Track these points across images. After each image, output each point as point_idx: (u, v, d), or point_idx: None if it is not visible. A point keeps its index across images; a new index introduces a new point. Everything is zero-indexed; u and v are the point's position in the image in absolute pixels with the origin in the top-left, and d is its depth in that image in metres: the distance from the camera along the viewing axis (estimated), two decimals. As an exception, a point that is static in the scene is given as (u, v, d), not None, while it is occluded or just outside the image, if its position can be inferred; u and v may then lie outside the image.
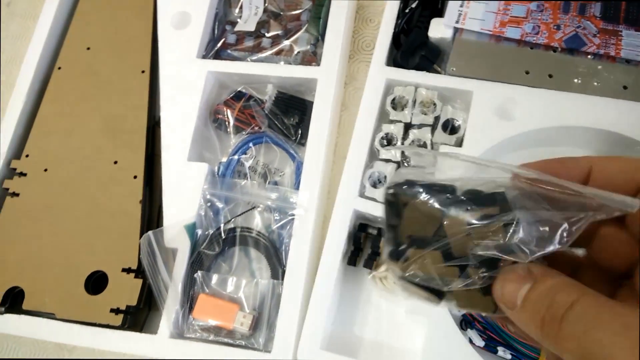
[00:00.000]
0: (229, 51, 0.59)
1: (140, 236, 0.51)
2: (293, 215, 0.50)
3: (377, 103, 0.53)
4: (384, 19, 0.56)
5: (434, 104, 0.52)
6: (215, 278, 0.50)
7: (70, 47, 0.62)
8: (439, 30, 0.54)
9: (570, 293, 0.20)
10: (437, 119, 0.52)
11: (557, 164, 0.25)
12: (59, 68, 0.61)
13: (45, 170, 0.55)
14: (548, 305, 0.21)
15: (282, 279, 0.48)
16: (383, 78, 0.53)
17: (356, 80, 0.60)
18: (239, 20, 0.61)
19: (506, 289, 0.22)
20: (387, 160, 0.51)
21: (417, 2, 0.56)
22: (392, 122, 0.53)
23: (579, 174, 0.24)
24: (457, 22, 0.54)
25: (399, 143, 0.51)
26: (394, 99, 0.53)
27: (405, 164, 0.51)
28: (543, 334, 0.21)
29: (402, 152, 0.51)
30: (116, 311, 0.48)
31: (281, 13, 0.60)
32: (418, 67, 0.53)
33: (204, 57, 0.59)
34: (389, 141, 0.52)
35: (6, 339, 0.56)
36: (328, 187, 0.55)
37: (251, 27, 0.59)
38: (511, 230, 0.23)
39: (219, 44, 0.59)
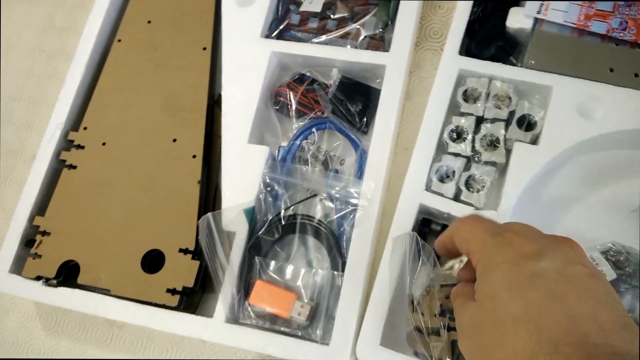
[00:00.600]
0: (292, 32, 0.57)
1: (198, 217, 0.50)
2: (356, 206, 0.48)
3: (448, 94, 0.50)
4: (459, 5, 0.53)
5: (509, 98, 0.49)
6: (273, 265, 0.48)
7: (131, 19, 0.61)
8: (517, 20, 0.52)
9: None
10: (512, 113, 0.49)
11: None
12: (119, 40, 0.60)
13: (104, 144, 0.55)
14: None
15: (343, 271, 0.47)
16: (456, 68, 0.51)
17: (421, 69, 0.58)
18: (303, 0, 0.59)
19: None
20: (456, 155, 0.49)
21: (495, -11, 0.53)
22: (462, 114, 0.50)
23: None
24: (538, 12, 0.51)
25: (469, 137, 0.49)
26: (465, 91, 0.51)
27: (476, 159, 0.48)
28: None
29: (473, 147, 0.49)
30: (172, 292, 0.48)
31: (348, -6, 0.58)
32: (493, 58, 0.51)
33: (267, 36, 0.57)
34: (458, 134, 0.50)
35: (55, 311, 0.56)
36: (389, 179, 0.53)
37: (317, 8, 0.57)
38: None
39: (283, 24, 0.58)
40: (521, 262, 0.29)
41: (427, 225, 0.49)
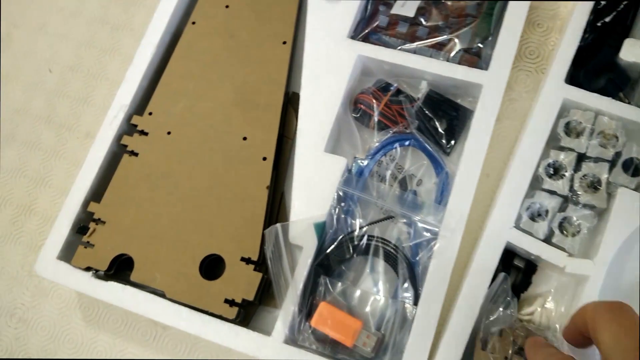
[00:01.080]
0: (379, 35, 0.53)
1: (264, 225, 0.47)
2: (435, 235, 0.45)
3: (549, 124, 0.46)
4: (570, 29, 0.49)
5: (616, 137, 0.45)
6: (339, 286, 0.45)
7: (207, 1, 0.57)
8: (633, 53, 0.47)
9: None
10: (617, 155, 0.45)
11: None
12: (193, 23, 0.56)
13: (169, 133, 0.51)
14: None
15: (416, 304, 0.43)
16: (560, 96, 0.47)
17: (512, 90, 0.54)
18: (393, 1, 0.55)
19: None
20: (552, 192, 0.45)
21: (611, 17, 0.48)
22: (562, 149, 0.46)
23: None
24: (658, 47, 0.46)
25: (568, 174, 0.45)
26: (568, 123, 0.46)
27: (574, 200, 0.44)
28: None
29: (571, 186, 0.45)
30: (231, 303, 0.44)
31: (444, 1, 0.54)
32: (602, 91, 0.47)
33: (352, 37, 0.53)
34: (556, 170, 0.46)
35: (97, 302, 0.53)
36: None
37: (410, 13, 0.53)
38: None
39: (371, 26, 0.54)
40: None
41: (509, 260, 0.45)
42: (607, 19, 0.49)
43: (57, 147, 0.60)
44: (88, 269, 0.48)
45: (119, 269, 0.49)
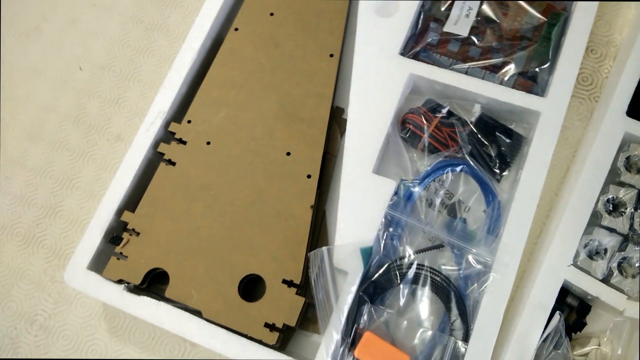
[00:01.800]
0: (430, 52, 0.51)
1: (308, 246, 0.45)
2: (487, 268, 0.43)
3: (610, 158, 0.44)
4: (631, 58, 0.47)
5: (679, 177, 0.43)
6: (385, 315, 0.43)
7: (251, 7, 0.55)
8: (698, 88, 0.45)
9: None
10: (680, 194, 0.43)
11: None
12: (236, 29, 0.54)
13: (208, 143, 0.49)
14: None
15: (466, 340, 0.41)
16: (621, 129, 0.45)
17: (565, 118, 0.52)
18: (445, 18, 0.53)
19: None
20: (611, 230, 0.43)
21: (676, 48, 0.47)
22: (622, 184, 0.45)
23: None
24: None
25: (628, 212, 0.43)
26: (628, 158, 0.45)
27: (635, 240, 0.43)
28: None
29: (631, 224, 0.43)
30: (271, 327, 0.42)
31: (497, 21, 0.52)
32: (664, 127, 0.45)
33: (402, 54, 0.51)
34: (615, 207, 0.44)
35: (123, 313, 0.51)
36: (518, 237, 0.47)
37: (464, 32, 0.51)
38: None
39: (421, 44, 0.52)
40: None
41: (562, 297, 0.44)
42: (672, 51, 0.47)
43: (85, 148, 0.58)
44: (120, 281, 0.46)
45: (152, 283, 0.47)
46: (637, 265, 0.42)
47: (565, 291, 0.44)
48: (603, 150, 0.45)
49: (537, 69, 0.49)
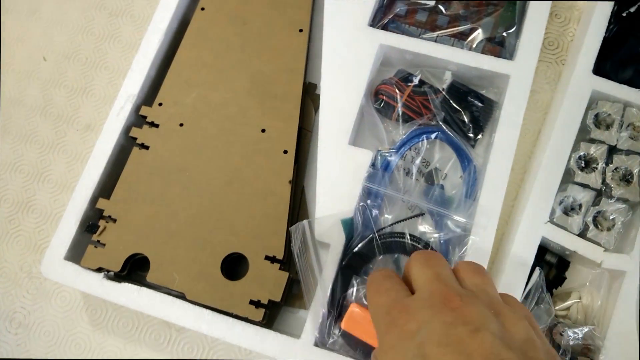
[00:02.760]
0: (399, 23, 0.52)
1: (288, 221, 0.45)
2: (466, 231, 0.43)
3: (579, 116, 0.45)
4: (594, 19, 0.48)
5: (646, 129, 0.45)
6: (369, 285, 0.43)
7: (216, -14, 0.54)
8: (660, 43, 0.46)
9: None
10: (649, 147, 0.44)
11: None
12: (202, 9, 0.53)
13: (181, 124, 0.49)
14: None
15: (450, 302, 0.42)
16: (589, 88, 0.46)
17: (533, 82, 0.52)
18: (411, -11, 0.53)
19: None
20: (584, 186, 0.44)
21: (636, 7, 0.48)
22: (592, 141, 0.45)
23: None
24: (686, 38, 0.46)
25: (600, 167, 0.44)
26: (597, 115, 0.46)
27: (607, 194, 0.44)
28: None
29: (604, 179, 0.44)
30: (256, 304, 0.42)
31: (464, -11, 0.52)
32: (630, 83, 0.46)
33: (372, 26, 0.51)
34: (587, 163, 0.45)
35: (105, 304, 0.50)
36: (495, 201, 0.48)
37: (431, 1, 0.52)
38: None
39: (390, 15, 0.52)
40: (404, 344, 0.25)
41: (541, 255, 0.44)
42: (632, 10, 0.48)
43: (55, 140, 0.57)
44: (99, 269, 0.45)
45: (132, 270, 0.46)
46: (611, 218, 0.43)
47: (543, 249, 0.45)
48: (572, 109, 0.45)
49: (504, 34, 0.50)
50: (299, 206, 0.48)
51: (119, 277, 0.45)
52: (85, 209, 0.47)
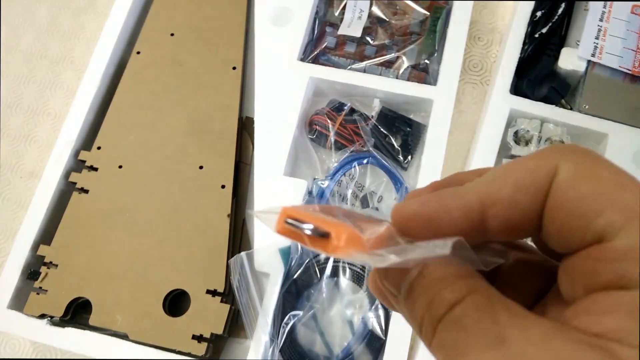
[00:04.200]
0: (328, 55, 0.54)
1: (228, 255, 0.46)
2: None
3: (499, 135, 0.48)
4: (510, 41, 0.51)
5: (563, 142, 0.47)
6: (312, 311, 0.44)
7: (151, 30, 0.56)
8: (570, 61, 0.49)
9: (457, 289, 0.15)
10: (565, 160, 0.47)
11: (436, 204, 0.17)
12: (138, 52, 0.55)
13: (120, 167, 0.50)
14: (429, 303, 0.16)
15: (387, 322, 0.43)
16: (507, 107, 0.48)
17: (461, 103, 0.55)
18: (339, 22, 0.55)
19: (391, 272, 0.17)
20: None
21: (547, 28, 0.51)
22: (513, 157, 0.48)
23: (465, 219, 0.17)
24: (593, 55, 0.49)
25: (521, 182, 0.46)
26: (516, 132, 0.48)
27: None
28: (421, 337, 0.16)
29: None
30: (199, 338, 0.43)
31: (387, 20, 0.55)
32: (545, 100, 0.49)
33: (302, 60, 0.53)
34: (510, 178, 0.47)
35: (54, 352, 0.50)
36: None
37: (357, 33, 0.54)
38: None
39: (320, 48, 0.54)
40: None
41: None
42: (544, 30, 0.51)
43: (0, 189, 0.57)
44: (42, 316, 0.45)
45: (76, 314, 0.46)
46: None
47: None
48: (492, 128, 0.48)
49: (427, 61, 0.52)
50: (240, 238, 0.49)
51: (63, 321, 0.46)
52: (27, 256, 0.47)
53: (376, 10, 0.55)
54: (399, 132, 0.51)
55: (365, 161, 0.49)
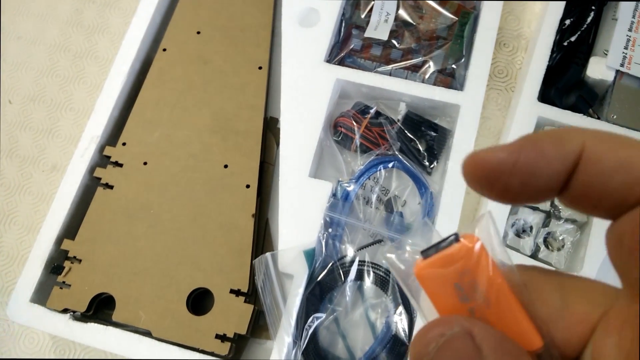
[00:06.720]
0: (354, 58, 0.54)
1: (252, 255, 0.46)
2: (426, 255, 0.45)
3: (527, 142, 0.47)
4: (538, 48, 0.51)
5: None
6: (335, 314, 0.44)
7: (177, 27, 0.56)
8: (599, 70, 0.49)
9: None
10: (592, 169, 0.47)
11: (533, 151, 0.15)
12: (164, 50, 0.55)
13: (145, 163, 0.50)
14: None
15: (411, 328, 0.43)
16: (535, 115, 0.48)
17: (485, 109, 0.55)
18: (365, 25, 0.55)
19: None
20: (534, 208, 0.46)
21: (576, 36, 0.51)
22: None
23: (563, 165, 0.15)
24: (621, 65, 0.49)
25: (548, 190, 0.46)
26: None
27: (556, 215, 0.46)
28: None
29: (552, 201, 0.46)
30: (222, 338, 0.43)
31: (414, 24, 0.55)
32: (573, 108, 0.49)
33: (328, 61, 0.53)
34: (536, 186, 0.47)
35: (73, 346, 0.50)
36: (453, 225, 0.50)
37: (384, 36, 0.54)
38: None
39: (346, 50, 0.54)
40: None
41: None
42: (572, 39, 0.51)
43: (20, 181, 0.57)
44: (65, 310, 0.45)
45: (99, 309, 0.46)
46: (561, 238, 0.45)
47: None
48: (519, 135, 0.48)
49: (454, 66, 0.52)
50: (263, 238, 0.49)
51: (85, 317, 0.46)
52: (51, 251, 0.47)
53: (403, 14, 0.55)
54: (425, 136, 0.51)
55: (390, 165, 0.49)
